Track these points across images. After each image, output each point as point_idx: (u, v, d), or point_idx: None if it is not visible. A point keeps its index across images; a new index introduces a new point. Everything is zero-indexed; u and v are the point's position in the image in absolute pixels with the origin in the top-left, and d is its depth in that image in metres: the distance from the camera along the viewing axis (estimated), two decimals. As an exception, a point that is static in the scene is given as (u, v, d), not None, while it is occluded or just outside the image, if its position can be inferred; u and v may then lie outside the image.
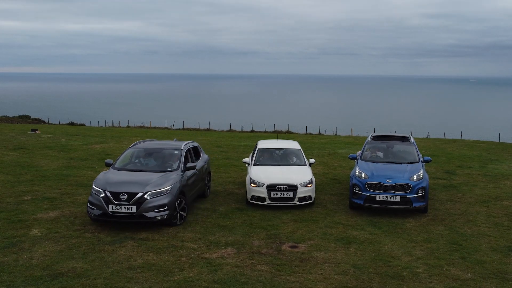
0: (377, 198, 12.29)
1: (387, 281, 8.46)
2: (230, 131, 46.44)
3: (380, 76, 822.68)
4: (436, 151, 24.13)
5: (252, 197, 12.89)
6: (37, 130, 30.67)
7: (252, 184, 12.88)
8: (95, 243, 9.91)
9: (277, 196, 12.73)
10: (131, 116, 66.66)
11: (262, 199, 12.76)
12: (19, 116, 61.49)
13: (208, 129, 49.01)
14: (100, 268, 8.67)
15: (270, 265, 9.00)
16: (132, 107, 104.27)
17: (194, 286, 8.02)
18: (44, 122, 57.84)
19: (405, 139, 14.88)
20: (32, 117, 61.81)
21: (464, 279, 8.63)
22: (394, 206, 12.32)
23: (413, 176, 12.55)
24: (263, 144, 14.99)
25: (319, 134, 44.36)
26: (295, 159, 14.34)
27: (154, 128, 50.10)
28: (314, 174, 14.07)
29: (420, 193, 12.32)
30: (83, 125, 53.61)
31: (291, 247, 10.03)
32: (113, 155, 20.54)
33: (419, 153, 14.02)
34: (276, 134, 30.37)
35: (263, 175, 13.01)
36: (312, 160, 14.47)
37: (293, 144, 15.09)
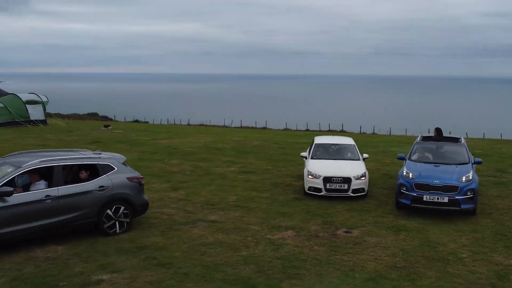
0: (424, 199, 12.08)
1: (433, 264, 9.16)
2: (286, 130, 47.33)
3: (436, 77, 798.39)
4: (490, 151, 24.03)
5: (309, 188, 13.76)
6: (109, 126, 32.84)
7: (309, 176, 13.75)
8: (171, 223, 11.12)
9: (333, 187, 13.52)
10: (191, 115, 68.91)
11: (319, 190, 13.58)
12: (89, 114, 64.90)
13: (264, 128, 50.11)
14: (177, 243, 9.86)
15: (326, 247, 9.89)
16: (191, 106, 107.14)
17: (259, 261, 9.04)
18: (111, 119, 60.90)
19: (455, 140, 14.70)
20: (100, 115, 65.14)
21: (506, 264, 9.20)
22: (441, 207, 12.11)
23: (462, 177, 12.25)
24: (320, 139, 15.86)
25: (373, 133, 44.49)
26: (349, 154, 15.08)
27: (213, 126, 51.75)
28: (367, 169, 14.75)
29: (469, 195, 11.99)
30: (147, 122, 56.10)
31: (345, 232, 10.87)
32: (179, 149, 22.02)
33: (470, 155, 13.80)
34: (332, 133, 31.02)
35: (320, 168, 13.84)
36: (365, 155, 15.18)
37: (348, 140, 15.87)
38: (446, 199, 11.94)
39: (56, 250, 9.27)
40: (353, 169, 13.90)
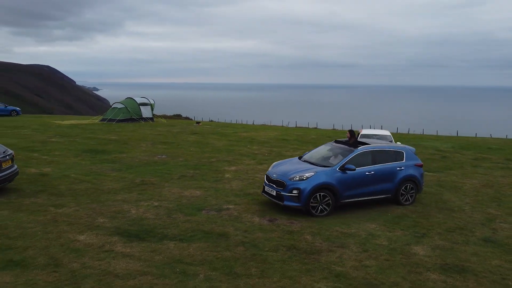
0: (265, 189, 11.71)
1: (442, 211, 11.77)
2: (333, 129, 49.68)
3: (468, 86, 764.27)
4: (504, 146, 25.75)
5: None
6: (199, 123, 36.59)
7: None
8: (262, 183, 14.25)
9: None
10: (254, 117, 72.47)
11: None
12: (174, 115, 69.50)
13: (315, 128, 52.66)
14: (270, 193, 12.96)
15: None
16: (253, 110, 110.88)
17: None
18: (191, 119, 65.10)
19: (356, 145, 12.40)
20: (183, 116, 69.52)
21: (495, 214, 11.66)
22: (273, 200, 11.36)
23: (295, 176, 11.05)
24: (365, 131, 18.61)
25: (408, 133, 46.07)
26: (386, 142, 17.68)
27: (274, 126, 54.88)
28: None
29: (294, 193, 10.82)
30: (219, 122, 59.85)
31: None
32: (256, 139, 25.26)
33: (347, 161, 11.50)
34: None
35: None
36: (398, 143, 17.71)
37: (385, 132, 18.55)
38: (274, 193, 11.26)
39: (196, 193, 12.63)
40: None
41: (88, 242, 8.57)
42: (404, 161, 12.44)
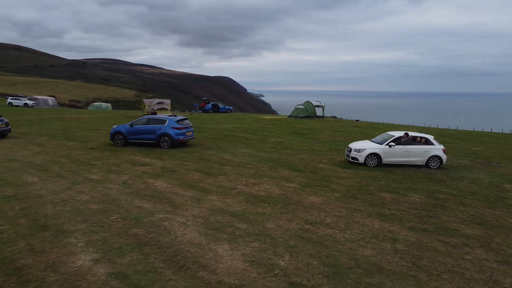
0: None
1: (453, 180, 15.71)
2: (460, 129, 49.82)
3: None
4: None
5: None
6: (358, 120, 42.07)
7: None
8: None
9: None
10: (397, 119, 74.24)
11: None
12: (331, 116, 75.81)
13: (455, 128, 53.11)
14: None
15: (390, 180, 17.16)
16: (395, 114, 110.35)
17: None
18: (343, 119, 70.52)
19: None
20: (337, 117, 75.30)
21: (501, 173, 15.15)
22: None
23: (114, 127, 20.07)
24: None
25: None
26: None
27: (416, 126, 56.89)
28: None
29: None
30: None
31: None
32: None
33: (133, 122, 19.12)
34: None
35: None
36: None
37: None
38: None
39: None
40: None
41: (323, 167, 15.63)
42: (165, 125, 18.58)
